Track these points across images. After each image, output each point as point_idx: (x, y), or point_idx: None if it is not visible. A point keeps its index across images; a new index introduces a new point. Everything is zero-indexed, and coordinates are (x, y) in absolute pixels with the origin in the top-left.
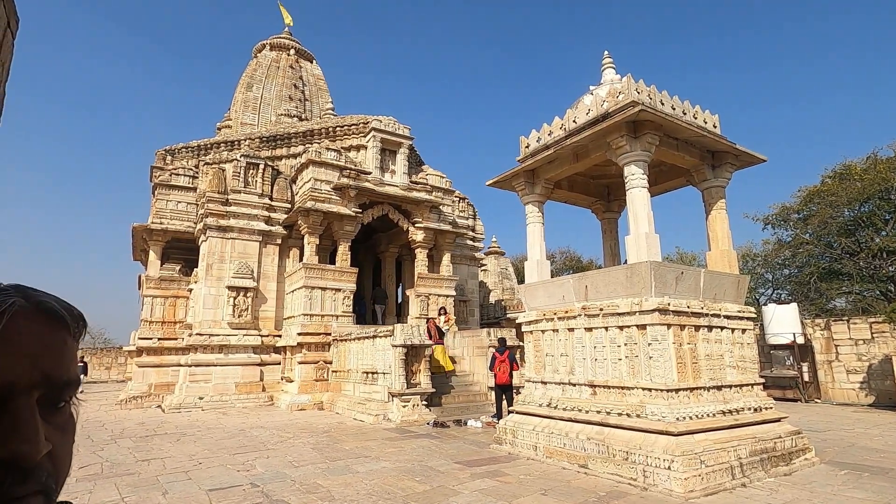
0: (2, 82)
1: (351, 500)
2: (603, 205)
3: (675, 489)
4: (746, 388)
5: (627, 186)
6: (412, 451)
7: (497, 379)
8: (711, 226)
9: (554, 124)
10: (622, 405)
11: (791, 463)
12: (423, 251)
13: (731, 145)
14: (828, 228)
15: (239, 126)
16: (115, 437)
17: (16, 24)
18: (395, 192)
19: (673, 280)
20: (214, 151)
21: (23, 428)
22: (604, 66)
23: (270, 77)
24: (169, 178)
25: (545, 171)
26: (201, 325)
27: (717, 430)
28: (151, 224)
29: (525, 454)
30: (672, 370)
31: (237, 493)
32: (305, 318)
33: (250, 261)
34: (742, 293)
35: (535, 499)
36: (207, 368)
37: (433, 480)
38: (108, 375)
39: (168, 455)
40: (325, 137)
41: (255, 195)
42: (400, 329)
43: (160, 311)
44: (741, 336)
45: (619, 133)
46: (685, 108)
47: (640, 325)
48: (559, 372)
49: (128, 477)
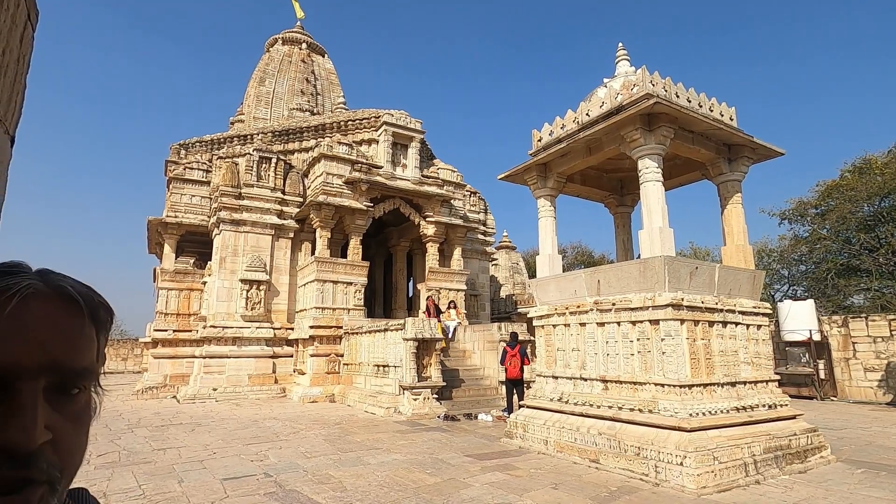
0: (23, 74)
1: (363, 492)
2: (616, 199)
3: (687, 485)
4: (761, 384)
5: (641, 180)
6: (423, 443)
7: (508, 373)
8: (727, 220)
9: (567, 118)
10: (634, 400)
11: (806, 461)
12: (434, 245)
13: (748, 138)
14: (846, 224)
15: (252, 120)
16: (132, 427)
17: (36, 17)
18: (406, 187)
19: (687, 275)
20: (228, 146)
21: (21, 414)
22: (618, 58)
23: (283, 71)
24: (183, 172)
25: (557, 164)
26: (215, 317)
27: (731, 426)
28: (166, 217)
29: (536, 448)
30: (685, 366)
31: (251, 482)
32: (317, 311)
33: (263, 254)
34: (758, 289)
35: (546, 493)
36: (221, 360)
37: (444, 473)
38: (124, 366)
39: (183, 445)
40: (336, 131)
41: (267, 189)
42: (411, 323)
43: (175, 304)
44: (756, 332)
45: (634, 126)
46: (701, 100)
47: (653, 320)
48: (570, 366)
49: (144, 465)
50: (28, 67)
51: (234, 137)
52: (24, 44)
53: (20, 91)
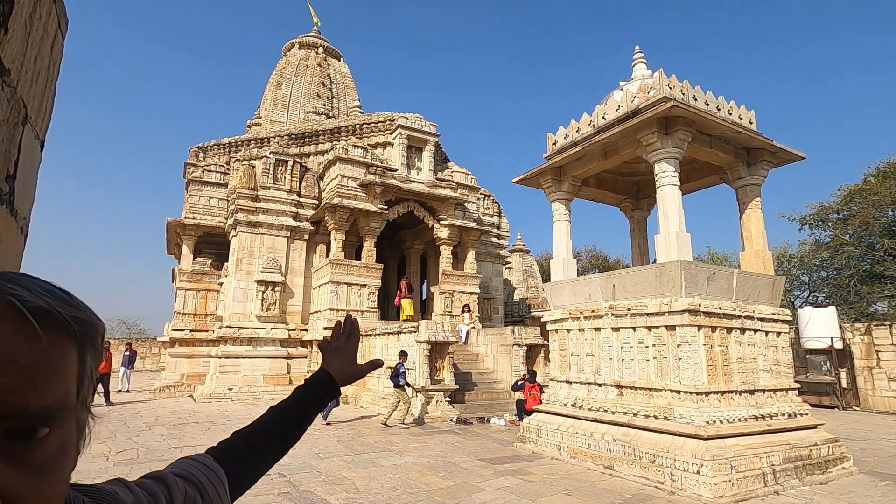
0: (53, 81)
1: (375, 493)
2: (632, 203)
3: (703, 494)
4: (780, 392)
5: (658, 184)
6: (435, 446)
7: (527, 405)
8: (745, 225)
9: (582, 121)
10: (649, 407)
11: (827, 472)
12: (447, 248)
13: (768, 142)
14: (870, 229)
15: (268, 123)
16: (150, 425)
17: (65, 26)
18: (420, 189)
19: (704, 280)
20: (245, 148)
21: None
22: (634, 61)
23: (299, 75)
24: (201, 175)
25: (573, 168)
26: (231, 317)
27: (749, 435)
28: (184, 219)
29: (549, 453)
30: (702, 372)
31: (265, 481)
32: (331, 312)
33: (278, 256)
34: (777, 295)
35: (559, 498)
36: (237, 360)
37: (456, 476)
38: (142, 365)
39: (199, 443)
40: (351, 135)
41: (283, 191)
42: (424, 325)
43: (192, 304)
44: (775, 339)
45: (650, 129)
46: (719, 103)
47: (669, 325)
48: (584, 371)
49: (162, 463)
50: (58, 74)
51: (251, 140)
52: (55, 51)
53: (50, 97)
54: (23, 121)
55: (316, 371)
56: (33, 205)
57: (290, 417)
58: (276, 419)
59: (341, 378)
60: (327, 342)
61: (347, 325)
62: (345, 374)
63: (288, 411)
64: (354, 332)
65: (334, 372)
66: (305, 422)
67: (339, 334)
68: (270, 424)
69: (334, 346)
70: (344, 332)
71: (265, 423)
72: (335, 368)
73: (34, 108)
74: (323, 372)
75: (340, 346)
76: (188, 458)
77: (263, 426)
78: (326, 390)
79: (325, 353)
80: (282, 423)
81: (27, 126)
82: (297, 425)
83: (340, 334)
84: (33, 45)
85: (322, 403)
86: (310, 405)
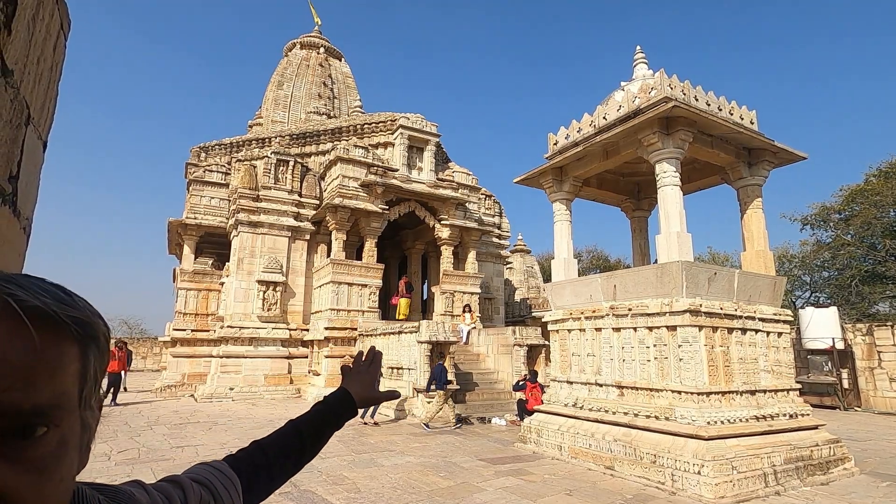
0: (55, 82)
1: (376, 493)
2: (633, 203)
3: (704, 494)
4: (782, 393)
5: (659, 184)
6: (436, 446)
7: (528, 405)
8: (747, 225)
9: (583, 121)
10: (650, 407)
11: (828, 472)
12: (448, 248)
13: (769, 142)
14: (871, 229)
15: (270, 123)
16: (151, 424)
17: (68, 27)
18: (421, 189)
19: (705, 280)
20: (246, 148)
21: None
22: (635, 61)
23: (300, 75)
24: (203, 175)
25: (574, 168)
26: (232, 317)
27: (750, 435)
28: (186, 219)
29: (550, 454)
30: (703, 373)
31: None
32: (332, 312)
33: (279, 256)
34: (778, 295)
35: (560, 499)
36: (238, 360)
37: (457, 476)
38: (143, 364)
39: (200, 443)
40: (353, 135)
41: (284, 191)
42: (425, 325)
43: (194, 304)
44: (777, 339)
45: (651, 129)
46: (720, 103)
47: (670, 325)
48: (585, 372)
49: (163, 462)
50: (60, 75)
51: (252, 140)
52: (57, 52)
53: (52, 98)
54: (26, 122)
55: (336, 389)
56: (36, 205)
57: (307, 433)
58: (294, 432)
59: (360, 399)
60: (349, 366)
61: (370, 354)
62: (363, 396)
63: (306, 426)
64: (377, 361)
65: (354, 392)
66: (323, 437)
67: (361, 361)
68: (288, 437)
69: (356, 370)
70: (366, 360)
71: (283, 436)
72: (355, 389)
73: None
74: (343, 391)
75: (362, 370)
76: (205, 463)
77: (281, 439)
78: (345, 408)
79: (345, 375)
80: (299, 437)
81: (30, 127)
82: (314, 440)
83: (363, 361)
84: (36, 47)
85: (339, 421)
86: (328, 421)
